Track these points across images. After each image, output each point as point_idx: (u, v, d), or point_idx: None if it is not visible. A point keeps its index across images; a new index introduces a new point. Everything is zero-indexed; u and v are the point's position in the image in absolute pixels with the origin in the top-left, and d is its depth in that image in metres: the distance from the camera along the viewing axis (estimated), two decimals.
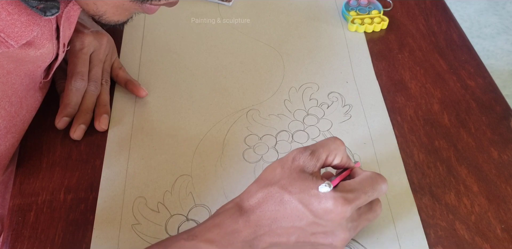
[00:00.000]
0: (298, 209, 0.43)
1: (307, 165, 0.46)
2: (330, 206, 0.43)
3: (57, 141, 0.59)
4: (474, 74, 0.67)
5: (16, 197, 0.54)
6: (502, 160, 0.58)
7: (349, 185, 0.45)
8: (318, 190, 0.43)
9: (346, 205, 0.43)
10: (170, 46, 0.70)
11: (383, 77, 0.66)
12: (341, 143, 0.48)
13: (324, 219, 0.43)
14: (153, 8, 0.49)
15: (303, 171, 0.45)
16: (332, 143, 0.48)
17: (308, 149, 0.47)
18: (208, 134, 0.60)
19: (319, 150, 0.47)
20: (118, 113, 0.62)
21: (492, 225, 0.52)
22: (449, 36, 0.71)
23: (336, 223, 0.44)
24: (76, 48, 0.60)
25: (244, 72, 0.67)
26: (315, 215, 0.43)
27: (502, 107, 0.63)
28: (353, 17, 0.72)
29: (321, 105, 0.63)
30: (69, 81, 0.59)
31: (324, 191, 0.43)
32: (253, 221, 0.44)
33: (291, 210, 0.44)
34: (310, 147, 0.47)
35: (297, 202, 0.43)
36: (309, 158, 0.46)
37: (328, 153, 0.47)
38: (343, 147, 0.48)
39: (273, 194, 0.44)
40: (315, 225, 0.44)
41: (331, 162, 0.48)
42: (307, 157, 0.46)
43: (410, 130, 0.60)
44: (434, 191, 0.55)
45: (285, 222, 0.44)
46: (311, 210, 0.43)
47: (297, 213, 0.44)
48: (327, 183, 0.43)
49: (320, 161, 0.47)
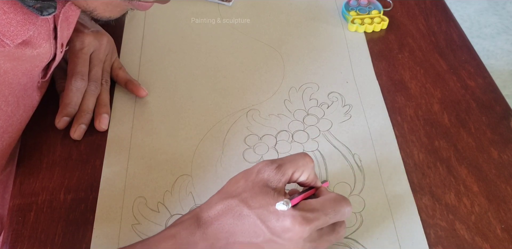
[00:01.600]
0: (255, 225, 0.43)
1: (271, 179, 0.44)
2: (288, 224, 0.42)
3: (57, 140, 0.59)
4: (474, 74, 0.67)
5: (16, 197, 0.54)
6: (502, 160, 0.58)
7: (310, 204, 0.44)
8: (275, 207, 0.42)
9: (304, 224, 0.42)
10: (170, 46, 0.70)
11: (383, 77, 0.66)
12: (310, 160, 0.47)
13: (282, 237, 0.42)
14: (145, 6, 0.48)
15: (266, 185, 0.44)
16: (301, 159, 0.47)
17: (275, 163, 0.45)
18: (208, 133, 0.60)
19: (286, 164, 0.46)
20: (118, 113, 0.62)
21: (492, 225, 0.52)
22: (449, 36, 0.71)
23: (293, 243, 0.43)
24: (76, 48, 0.60)
25: (244, 72, 0.67)
26: (272, 233, 0.42)
27: (502, 107, 0.63)
28: (353, 17, 0.72)
29: (321, 105, 0.63)
30: (69, 81, 0.59)
31: (281, 208, 0.42)
32: (210, 234, 0.43)
33: (248, 225, 0.43)
34: (277, 161, 0.46)
35: (256, 217, 0.43)
36: (274, 172, 0.45)
37: (295, 169, 0.46)
38: (312, 164, 0.47)
39: (232, 207, 0.43)
40: (271, 243, 0.43)
41: (297, 178, 0.47)
42: (273, 171, 0.45)
43: (410, 130, 0.60)
44: (434, 191, 0.55)
45: (242, 237, 0.43)
46: (269, 227, 0.42)
47: (255, 229, 0.43)
48: (286, 200, 0.42)
49: (286, 176, 0.45)
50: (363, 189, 0.55)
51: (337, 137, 0.60)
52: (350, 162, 0.57)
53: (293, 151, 0.58)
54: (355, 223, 0.52)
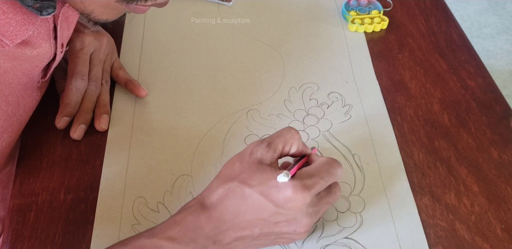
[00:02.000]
0: (259, 201, 0.44)
1: (264, 157, 0.46)
2: (290, 194, 0.43)
3: (57, 140, 0.59)
4: (474, 74, 0.67)
5: (16, 197, 0.54)
6: (502, 160, 0.58)
7: (306, 172, 0.46)
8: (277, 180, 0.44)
9: (305, 191, 0.43)
10: (170, 46, 0.70)
11: (383, 77, 0.66)
12: (296, 132, 0.49)
13: (286, 207, 0.44)
14: (142, 9, 0.49)
15: (261, 163, 0.46)
16: (287, 133, 0.48)
17: (264, 141, 0.47)
18: (208, 133, 0.60)
19: (275, 141, 0.47)
20: (118, 113, 0.62)
21: (492, 225, 0.52)
22: (449, 36, 0.71)
23: (297, 210, 0.44)
24: (77, 48, 0.60)
25: (244, 72, 0.67)
26: (277, 205, 0.44)
27: (502, 107, 0.63)
28: (353, 17, 0.72)
29: (321, 105, 0.63)
30: (69, 81, 0.59)
31: (282, 180, 0.43)
32: (215, 217, 0.44)
33: (252, 203, 0.44)
34: (266, 139, 0.48)
35: (258, 194, 0.44)
36: (266, 150, 0.46)
37: (284, 143, 0.48)
38: (298, 135, 0.49)
39: (233, 189, 0.45)
40: (277, 215, 0.44)
41: (288, 151, 0.49)
42: (264, 149, 0.46)
43: (410, 130, 0.60)
44: (434, 191, 0.55)
45: (248, 215, 0.44)
46: (272, 200, 0.44)
47: (259, 205, 0.44)
48: (285, 172, 0.43)
49: (277, 152, 0.47)
50: (363, 189, 0.55)
51: (337, 137, 0.60)
52: (350, 162, 0.57)
53: None
54: (355, 223, 0.52)
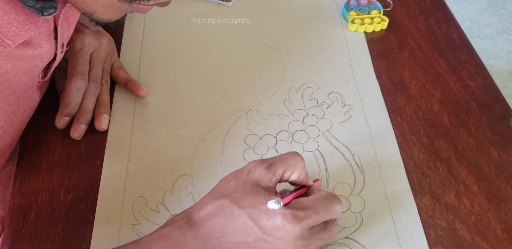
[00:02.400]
0: (246, 224, 0.43)
1: (262, 179, 0.44)
2: (278, 223, 0.42)
3: (57, 140, 0.59)
4: (474, 74, 0.67)
5: (16, 197, 0.54)
6: (502, 160, 0.58)
7: (302, 203, 0.44)
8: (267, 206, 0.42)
9: (295, 223, 0.42)
10: (170, 46, 0.70)
11: (383, 77, 0.66)
12: (301, 159, 0.47)
13: (272, 236, 0.42)
14: (144, 8, 0.48)
15: (257, 185, 0.44)
16: (291, 158, 0.46)
17: (265, 162, 0.45)
18: (208, 133, 0.60)
19: (277, 164, 0.46)
20: (118, 113, 0.62)
21: (492, 225, 0.52)
22: (449, 36, 0.71)
23: (284, 241, 0.43)
24: (77, 47, 0.60)
25: (244, 72, 0.67)
26: (263, 232, 0.42)
27: (502, 107, 0.63)
28: (353, 17, 0.72)
29: (321, 105, 0.63)
30: (69, 81, 0.59)
31: (272, 207, 0.42)
32: (201, 234, 0.43)
33: (240, 225, 0.43)
34: (268, 160, 0.46)
35: (247, 217, 0.43)
36: (265, 172, 0.45)
37: (285, 168, 0.46)
38: (302, 163, 0.47)
39: (223, 207, 0.43)
40: (263, 242, 0.43)
41: (288, 177, 0.47)
42: (263, 170, 0.45)
43: (410, 130, 0.60)
44: (434, 191, 0.55)
45: (234, 237, 0.43)
46: (260, 226, 0.42)
47: (246, 228, 0.43)
48: (277, 199, 0.42)
49: (276, 176, 0.45)
50: (363, 189, 0.55)
51: (337, 137, 0.60)
52: (350, 162, 0.57)
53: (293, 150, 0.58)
54: (355, 223, 0.52)
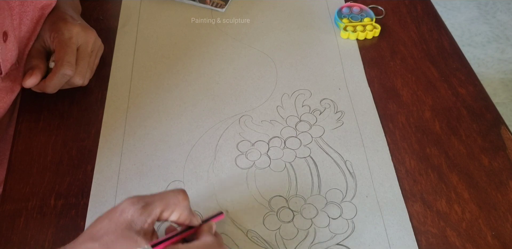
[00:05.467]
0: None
1: (135, 220, 0.42)
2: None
3: (48, 146, 0.58)
4: (465, 82, 0.67)
5: (5, 202, 0.53)
6: (493, 167, 0.58)
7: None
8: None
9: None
10: (163, 52, 0.70)
11: (375, 84, 0.67)
12: (184, 198, 0.44)
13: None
14: None
15: (129, 228, 0.41)
16: (173, 196, 0.44)
17: (141, 201, 0.43)
18: (200, 139, 0.60)
19: (154, 203, 0.43)
20: (110, 119, 0.61)
21: (482, 232, 0.53)
22: (440, 44, 0.72)
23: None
24: (65, 36, 0.59)
25: (237, 78, 0.67)
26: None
27: (493, 115, 0.63)
28: (345, 24, 0.72)
29: (313, 112, 0.63)
30: (57, 68, 0.57)
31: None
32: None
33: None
34: (145, 199, 0.43)
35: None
36: (139, 213, 0.42)
37: (164, 208, 0.43)
38: (185, 202, 0.44)
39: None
40: None
41: (166, 217, 0.44)
42: (137, 211, 0.42)
43: (401, 137, 0.61)
44: (425, 197, 0.55)
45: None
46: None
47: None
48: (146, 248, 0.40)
49: (152, 216, 0.43)
50: (355, 196, 0.55)
51: (329, 144, 0.60)
52: (342, 168, 0.58)
53: (285, 157, 0.58)
54: (347, 230, 0.52)
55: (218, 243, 0.45)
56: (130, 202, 0.43)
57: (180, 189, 0.45)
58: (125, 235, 0.41)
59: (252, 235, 0.52)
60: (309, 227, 0.53)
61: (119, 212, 0.42)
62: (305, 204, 0.54)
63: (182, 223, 0.46)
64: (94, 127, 0.61)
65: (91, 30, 0.62)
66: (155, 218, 0.43)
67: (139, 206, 0.42)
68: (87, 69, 0.61)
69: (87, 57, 0.61)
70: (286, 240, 0.52)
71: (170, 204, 0.44)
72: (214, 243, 0.44)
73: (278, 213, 0.54)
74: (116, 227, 0.41)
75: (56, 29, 0.59)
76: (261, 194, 0.55)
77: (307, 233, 0.52)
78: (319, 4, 0.77)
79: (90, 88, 0.64)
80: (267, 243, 0.51)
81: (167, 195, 0.44)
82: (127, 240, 0.41)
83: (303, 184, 0.56)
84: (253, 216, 0.53)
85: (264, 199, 0.55)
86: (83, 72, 0.60)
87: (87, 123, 0.61)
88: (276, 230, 0.52)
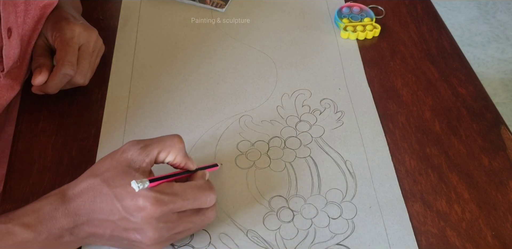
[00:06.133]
0: (112, 203, 0.44)
1: (135, 159, 0.46)
2: (140, 204, 0.43)
3: (48, 146, 0.58)
4: (465, 82, 0.67)
5: (6, 202, 0.53)
6: (493, 167, 0.58)
7: (171, 188, 0.45)
8: None
9: (155, 205, 0.43)
10: (163, 52, 0.70)
11: (375, 84, 0.67)
12: (179, 141, 0.48)
13: (134, 216, 0.44)
14: None
15: (129, 165, 0.45)
16: (169, 139, 0.48)
17: (141, 143, 0.47)
18: (200, 139, 0.60)
19: (152, 145, 0.47)
20: (110, 118, 0.61)
21: (483, 232, 0.53)
22: (440, 44, 0.72)
23: (145, 222, 0.44)
24: (67, 36, 0.59)
25: (237, 78, 0.67)
26: (126, 211, 0.44)
27: (493, 115, 0.63)
28: (345, 24, 0.72)
29: (313, 112, 0.63)
30: (58, 68, 0.58)
31: (134, 187, 0.43)
32: (72, 210, 0.45)
33: (106, 204, 0.44)
34: (145, 141, 0.47)
35: (113, 196, 0.44)
36: (138, 152, 0.46)
37: (160, 149, 0.47)
38: (180, 145, 0.48)
39: (94, 186, 0.45)
40: (126, 221, 0.44)
41: (163, 159, 0.48)
42: (137, 151, 0.46)
43: (401, 137, 0.61)
44: (425, 197, 0.55)
45: (101, 215, 0.44)
46: (123, 206, 0.44)
47: (111, 207, 0.44)
48: (142, 181, 0.43)
49: (150, 157, 0.46)
50: (355, 196, 0.55)
51: (329, 143, 0.60)
52: (342, 168, 0.58)
53: (285, 157, 0.58)
54: (347, 230, 0.52)
55: (209, 186, 0.48)
56: (130, 144, 0.47)
57: (175, 134, 0.48)
58: (124, 171, 0.45)
59: (252, 235, 0.52)
60: (309, 227, 0.53)
61: (120, 152, 0.46)
62: (305, 204, 0.54)
63: (178, 165, 0.49)
64: (94, 126, 0.61)
65: (93, 30, 0.62)
66: (152, 158, 0.47)
67: (139, 147, 0.46)
68: (88, 69, 0.61)
69: (89, 57, 0.61)
70: (286, 240, 0.52)
71: (166, 146, 0.47)
72: (205, 185, 0.48)
73: (278, 213, 0.54)
74: (117, 164, 0.45)
75: (58, 28, 0.59)
76: (261, 194, 0.55)
77: (307, 233, 0.52)
78: (319, 4, 0.77)
79: (90, 88, 0.64)
80: (267, 243, 0.51)
81: (164, 138, 0.48)
82: (126, 175, 0.44)
83: (303, 184, 0.56)
84: (253, 216, 0.53)
85: (264, 199, 0.55)
86: (84, 72, 0.60)
87: (87, 123, 0.61)
88: (276, 230, 0.52)
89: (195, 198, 0.46)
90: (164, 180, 0.46)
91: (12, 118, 0.64)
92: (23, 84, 0.62)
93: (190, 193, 0.46)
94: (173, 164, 0.49)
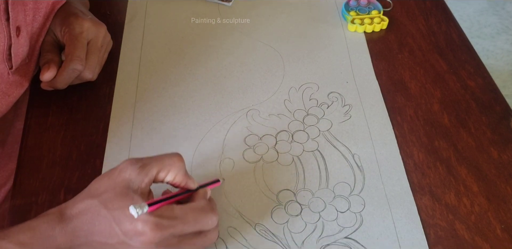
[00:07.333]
0: (111, 227, 0.43)
1: (133, 180, 0.44)
2: (139, 228, 0.42)
3: (57, 141, 0.59)
4: (474, 74, 0.67)
5: (16, 197, 0.54)
6: (502, 160, 0.58)
7: (171, 211, 0.44)
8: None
9: (155, 230, 0.42)
10: (170, 46, 0.70)
11: (383, 77, 0.66)
12: (178, 159, 0.46)
13: (133, 240, 0.42)
14: None
15: (127, 187, 0.44)
16: (168, 158, 0.46)
17: (139, 162, 0.45)
18: (208, 134, 0.60)
19: (151, 164, 0.45)
20: (118, 113, 0.62)
21: (492, 225, 0.52)
22: (449, 36, 0.72)
23: (144, 246, 0.43)
24: (76, 31, 0.59)
25: (244, 72, 0.67)
26: (125, 235, 0.43)
27: (502, 107, 0.63)
28: (353, 17, 0.72)
29: (321, 105, 0.63)
30: (67, 64, 0.58)
31: (132, 213, 0.41)
32: (69, 230, 0.43)
33: (104, 226, 0.43)
34: (143, 160, 0.45)
35: (112, 219, 0.43)
36: (137, 172, 0.44)
37: (159, 168, 0.45)
38: (180, 163, 0.46)
39: (92, 207, 0.43)
40: (125, 245, 0.43)
41: (162, 178, 0.46)
42: (135, 171, 0.44)
43: (410, 130, 0.60)
44: (434, 191, 0.55)
45: (99, 237, 0.43)
46: (122, 230, 0.42)
47: (109, 230, 0.43)
48: (141, 205, 0.42)
49: (149, 177, 0.45)
50: (363, 189, 0.55)
51: (337, 137, 0.60)
52: (350, 162, 0.57)
53: (293, 150, 0.58)
54: (355, 223, 0.52)
55: (211, 208, 0.47)
56: (128, 163, 0.45)
57: (175, 152, 0.47)
58: (123, 193, 0.43)
59: (260, 229, 0.52)
60: (317, 220, 0.53)
61: (118, 171, 0.44)
62: (313, 197, 0.55)
63: (178, 185, 0.48)
64: (102, 121, 0.61)
65: (102, 25, 0.63)
66: (151, 178, 0.45)
67: (137, 166, 0.44)
68: (97, 64, 0.61)
69: (97, 52, 0.61)
70: (294, 233, 0.52)
71: (165, 165, 0.46)
72: (207, 207, 0.46)
73: (286, 207, 0.54)
74: (115, 185, 0.44)
75: (67, 23, 0.59)
76: (269, 188, 0.55)
77: (315, 226, 0.52)
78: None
79: (98, 83, 0.64)
80: (275, 236, 0.52)
81: (163, 156, 0.46)
82: (125, 197, 0.43)
83: (311, 177, 0.56)
84: (261, 209, 0.54)
85: (272, 193, 0.55)
86: (93, 66, 0.60)
87: (95, 118, 0.61)
88: (284, 223, 0.53)
89: (196, 221, 0.45)
90: (163, 202, 0.44)
91: (21, 113, 0.65)
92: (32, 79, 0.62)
93: (191, 216, 0.44)
94: (173, 184, 0.48)
